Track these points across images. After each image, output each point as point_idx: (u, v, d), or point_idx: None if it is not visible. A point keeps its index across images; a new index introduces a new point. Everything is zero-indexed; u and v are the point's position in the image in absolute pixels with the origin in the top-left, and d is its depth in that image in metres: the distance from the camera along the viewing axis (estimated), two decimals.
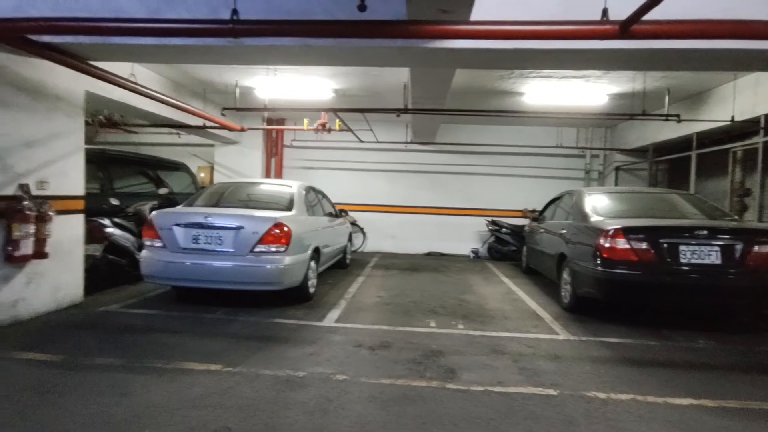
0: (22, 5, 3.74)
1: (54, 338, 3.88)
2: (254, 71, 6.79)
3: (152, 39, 3.76)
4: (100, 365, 3.31)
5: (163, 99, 5.86)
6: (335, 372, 3.34)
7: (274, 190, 6.03)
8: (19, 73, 4.16)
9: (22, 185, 4.17)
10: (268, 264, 4.70)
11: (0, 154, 4.00)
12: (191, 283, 4.87)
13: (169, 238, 4.80)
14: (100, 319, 4.49)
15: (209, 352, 3.66)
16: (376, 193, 10.60)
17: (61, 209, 4.54)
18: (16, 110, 4.16)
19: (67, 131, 4.77)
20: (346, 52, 4.07)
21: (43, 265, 4.38)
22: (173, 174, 8.49)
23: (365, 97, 8.01)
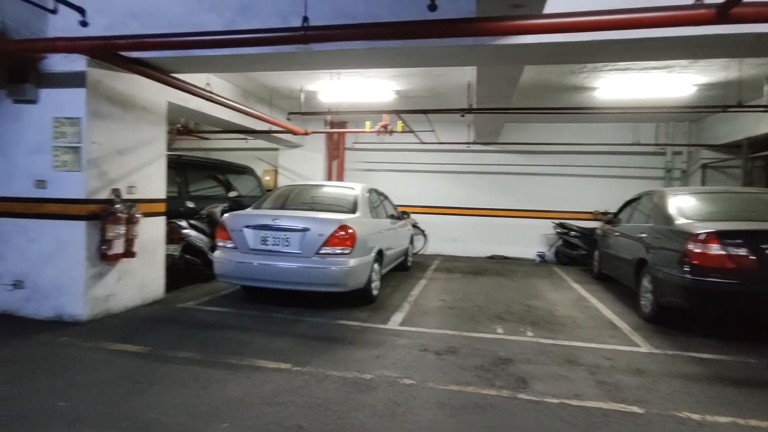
0: (116, 24, 4.07)
1: (141, 331, 4.17)
2: (318, 76, 6.95)
3: (228, 50, 3.95)
4: (182, 358, 3.50)
5: (234, 106, 6.16)
6: (402, 376, 3.31)
7: (338, 192, 6.13)
8: (112, 87, 4.54)
9: (115, 190, 4.54)
10: (333, 266, 4.78)
11: (97, 161, 4.37)
12: (260, 283, 5.05)
13: (240, 239, 5.02)
14: (180, 315, 4.78)
15: (279, 350, 3.77)
16: (438, 194, 10.49)
17: (146, 212, 4.88)
18: (110, 121, 4.54)
19: (151, 139, 5.13)
20: (412, 53, 4.05)
21: (131, 263, 4.74)
22: (241, 177, 8.90)
23: (427, 98, 7.95)
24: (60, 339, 3.84)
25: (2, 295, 4.43)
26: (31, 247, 4.38)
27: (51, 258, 4.34)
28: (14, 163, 4.42)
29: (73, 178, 4.30)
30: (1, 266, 4.43)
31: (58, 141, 4.31)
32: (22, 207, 4.40)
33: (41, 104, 4.35)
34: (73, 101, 4.28)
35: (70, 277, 4.30)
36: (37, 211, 4.37)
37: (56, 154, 4.31)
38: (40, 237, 4.36)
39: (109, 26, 4.07)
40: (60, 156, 4.31)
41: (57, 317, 4.32)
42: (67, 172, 4.31)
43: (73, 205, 4.31)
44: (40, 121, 4.34)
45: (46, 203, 4.35)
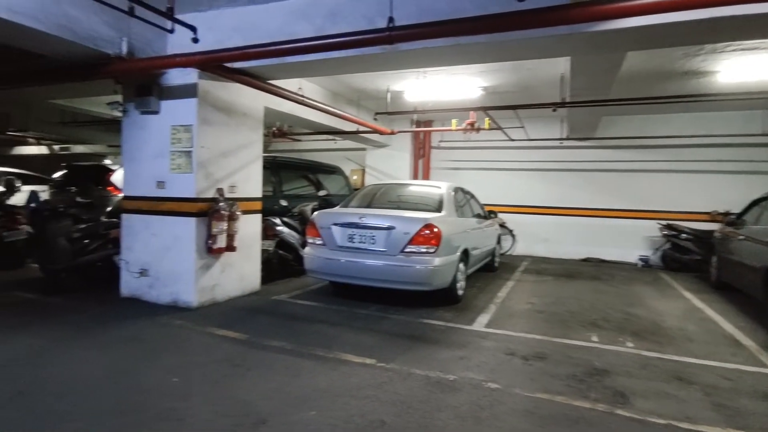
0: (222, 39, 4.46)
1: (240, 319, 4.53)
2: (404, 76, 7.00)
3: (318, 55, 4.13)
4: (275, 347, 3.75)
5: (324, 108, 6.44)
6: (486, 379, 3.22)
7: (424, 191, 6.13)
8: (218, 96, 4.98)
9: (219, 189, 4.98)
10: (418, 264, 4.79)
11: (205, 164, 4.83)
12: (346, 279, 5.22)
13: (329, 236, 5.23)
14: (273, 307, 5.11)
15: (364, 345, 3.86)
16: (527, 193, 10.04)
17: (245, 209, 5.28)
18: (216, 127, 4.99)
19: (250, 142, 5.55)
20: (500, 48, 3.92)
21: (232, 257, 5.16)
22: (330, 177, 9.28)
23: (516, 93, 7.64)
24: (175, 322, 4.32)
25: (132, 281, 5.08)
26: (153, 240, 4.96)
27: (168, 250, 4.89)
28: (141, 166, 5.05)
29: (186, 179, 4.80)
30: (131, 256, 5.08)
31: (175, 146, 4.83)
32: (147, 205, 5.00)
33: (162, 114, 4.91)
34: (187, 110, 4.77)
35: (183, 267, 4.81)
36: (158, 208, 4.94)
37: (173, 158, 4.84)
38: (161, 231, 4.93)
39: (216, 41, 4.47)
40: (176, 159, 4.83)
41: (173, 303, 4.85)
42: (181, 174, 4.82)
43: (186, 203, 4.81)
44: (160, 129, 4.91)
45: (164, 202, 4.91)
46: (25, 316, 4.39)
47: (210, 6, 4.66)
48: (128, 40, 4.57)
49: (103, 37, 4.35)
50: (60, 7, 3.97)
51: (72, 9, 4.06)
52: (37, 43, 4.15)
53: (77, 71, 4.71)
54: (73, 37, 4.06)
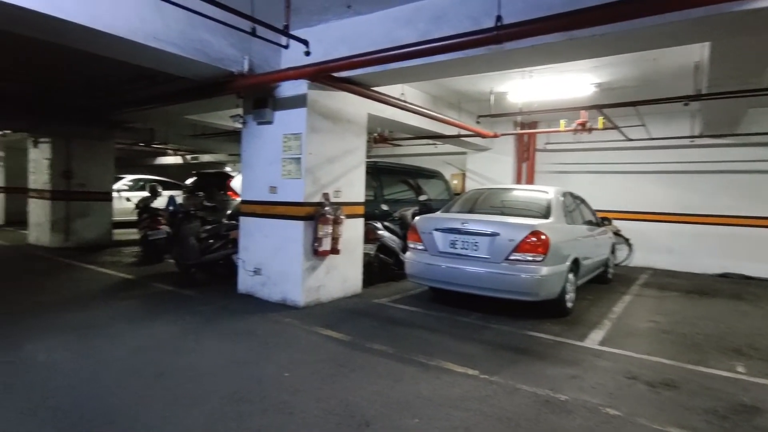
0: (329, 50, 4.67)
1: (343, 321, 4.69)
2: (508, 76, 6.73)
3: (422, 59, 4.12)
4: (377, 350, 3.80)
5: (425, 113, 6.45)
6: (604, 404, 2.92)
7: (530, 196, 5.81)
8: (325, 104, 5.24)
9: (325, 194, 5.22)
10: (524, 273, 4.54)
11: (312, 169, 5.10)
12: (447, 285, 5.13)
13: (430, 241, 5.19)
14: (375, 310, 5.20)
15: (466, 355, 3.74)
16: (647, 198, 9.03)
17: (348, 214, 5.47)
18: (323, 134, 5.24)
19: (354, 148, 5.74)
20: (621, 38, 3.56)
21: (336, 259, 5.37)
22: (430, 181, 9.26)
23: (635, 88, 6.92)
24: (285, 320, 4.60)
25: (247, 279, 5.54)
26: (266, 241, 5.36)
27: (279, 251, 5.24)
28: (256, 172, 5.49)
29: (295, 184, 5.11)
30: (247, 256, 5.54)
31: (286, 153, 5.17)
32: (261, 208, 5.42)
33: (275, 124, 5.29)
34: (297, 119, 5.08)
35: (291, 268, 5.12)
36: (270, 212, 5.33)
37: (284, 164, 5.19)
38: (272, 233, 5.31)
39: (324, 53, 4.69)
40: (286, 166, 5.17)
41: (282, 301, 5.18)
42: (291, 179, 5.14)
43: (295, 207, 5.11)
44: (273, 137, 5.29)
45: (276, 206, 5.27)
46: (164, 305, 5.01)
47: (319, 20, 4.92)
48: (249, 58, 5.00)
49: (229, 57, 4.81)
50: (196, 33, 4.47)
51: (205, 34, 4.56)
52: (178, 66, 4.72)
53: (207, 89, 5.29)
54: (206, 59, 4.55)
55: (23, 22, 3.67)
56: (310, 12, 4.71)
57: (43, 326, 4.13)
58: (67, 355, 3.52)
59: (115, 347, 3.71)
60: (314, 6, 4.59)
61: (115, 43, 4.06)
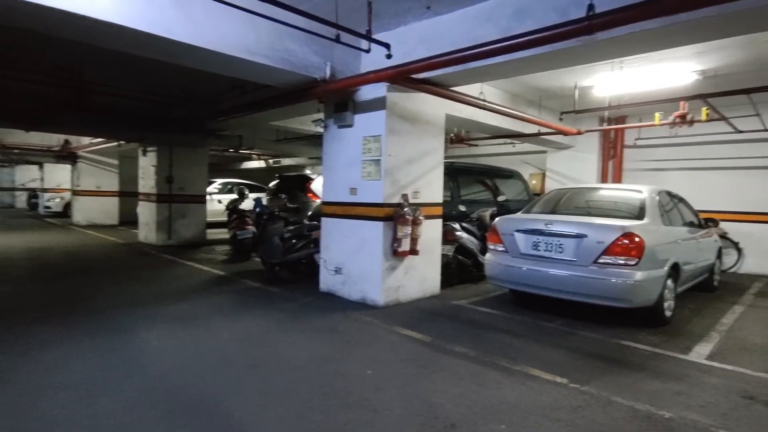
0: (409, 52, 4.71)
1: (423, 321, 4.69)
2: (595, 69, 6.33)
3: (503, 57, 4.00)
4: (458, 352, 3.75)
5: (504, 111, 6.27)
6: (717, 425, 2.64)
7: (621, 195, 5.42)
8: (404, 106, 5.29)
9: (404, 195, 5.27)
10: (614, 277, 4.24)
11: (391, 171, 5.17)
12: (529, 288, 4.94)
13: (511, 243, 5.03)
14: (454, 311, 5.14)
15: (552, 362, 3.58)
16: (760, 196, 8.02)
17: (427, 214, 5.47)
18: (401, 136, 5.29)
19: (432, 149, 5.73)
20: (736, 19, 3.20)
21: (414, 260, 5.39)
22: (507, 182, 8.97)
23: (746, 74, 6.19)
24: (365, 318, 4.70)
25: (328, 278, 5.74)
26: (346, 241, 5.52)
27: (359, 251, 5.37)
28: (337, 175, 5.68)
29: (375, 186, 5.20)
30: (328, 255, 5.74)
31: (365, 156, 5.29)
32: (341, 209, 5.59)
33: (355, 127, 5.44)
34: (376, 122, 5.18)
35: (371, 268, 5.22)
36: (350, 213, 5.48)
37: (364, 166, 5.31)
38: (352, 234, 5.45)
39: (403, 55, 4.73)
40: (366, 167, 5.29)
41: (362, 300, 5.30)
42: (371, 181, 5.25)
43: (374, 208, 5.21)
44: (353, 140, 5.43)
45: (356, 207, 5.41)
46: (253, 301, 5.35)
47: (398, 23, 4.98)
48: (331, 65, 5.20)
49: (313, 64, 5.03)
50: (282, 43, 4.73)
51: (291, 43, 4.81)
52: (266, 76, 5.03)
53: (292, 96, 5.57)
54: (292, 67, 4.80)
55: (138, 45, 4.12)
56: (389, 15, 4.79)
57: (154, 315, 4.60)
58: (174, 342, 3.88)
59: (212, 337, 4.03)
60: (394, 9, 4.66)
61: (213, 57, 4.41)
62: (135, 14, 3.71)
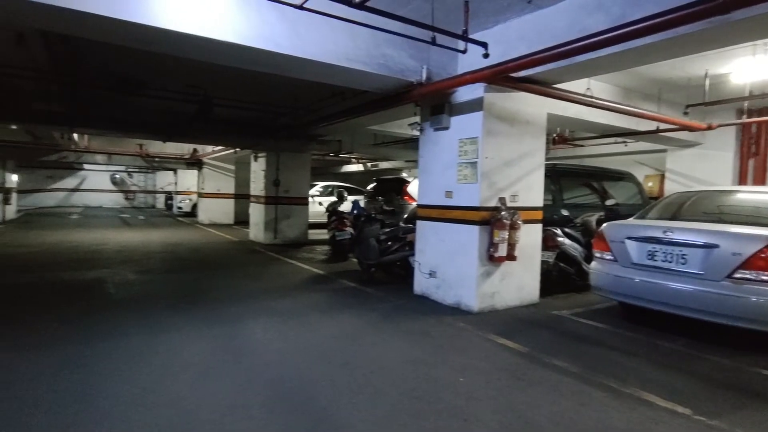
0: (507, 51, 4.52)
1: (519, 330, 4.46)
2: (732, 54, 5.51)
3: (616, 47, 3.67)
4: (558, 367, 3.50)
5: (616, 108, 5.73)
6: None
7: (766, 200, 4.64)
8: (502, 106, 5.09)
9: (501, 198, 5.07)
10: (755, 296, 3.62)
11: (488, 174, 5.01)
12: (642, 302, 4.44)
13: (621, 251, 4.57)
14: (553, 322, 4.82)
15: (671, 388, 3.16)
16: None
17: (525, 219, 5.20)
18: (499, 137, 5.10)
19: (532, 151, 5.44)
20: None
21: (512, 266, 5.16)
22: (617, 184, 8.21)
23: None
24: (459, 324, 4.60)
25: (422, 281, 5.74)
26: (441, 245, 5.47)
27: (454, 255, 5.28)
28: (433, 178, 5.65)
29: (471, 189, 5.08)
30: (423, 258, 5.74)
31: (461, 158, 5.19)
32: (436, 213, 5.56)
33: (451, 129, 5.37)
34: (473, 124, 5.06)
35: (466, 272, 5.10)
36: (445, 216, 5.41)
37: (460, 169, 5.22)
38: (447, 237, 5.38)
39: (502, 54, 4.56)
40: (462, 170, 5.19)
41: (456, 305, 5.21)
42: (467, 184, 5.13)
43: (470, 212, 5.09)
44: (449, 143, 5.37)
45: (451, 210, 5.33)
46: (348, 300, 5.55)
47: (496, 21, 4.81)
48: (427, 67, 5.19)
49: (409, 68, 5.07)
50: (379, 49, 4.85)
51: (387, 49, 4.90)
52: (364, 82, 5.19)
53: (388, 100, 5.68)
54: (389, 72, 4.89)
55: (252, 60, 4.51)
56: (487, 14, 4.65)
57: (260, 309, 4.99)
58: (276, 335, 4.16)
59: (309, 333, 4.24)
60: (492, 7, 4.52)
61: (314, 67, 4.67)
62: (251, 33, 4.07)
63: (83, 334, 3.97)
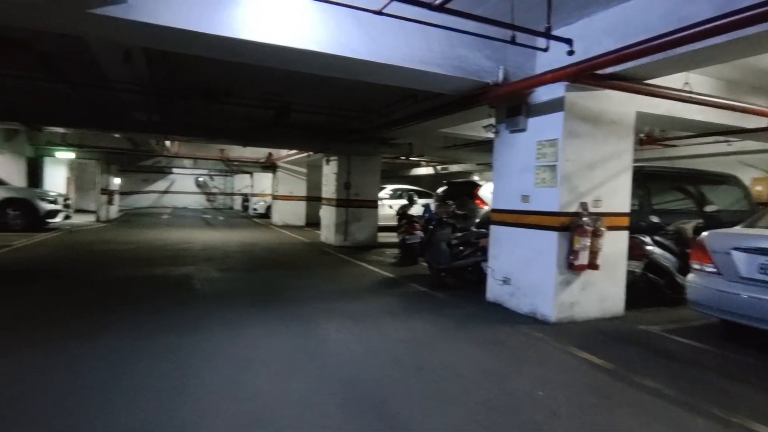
0: (592, 46, 4.25)
1: (602, 344, 4.16)
2: None
3: (719, 38, 3.31)
4: (649, 388, 3.20)
5: (718, 103, 5.21)
6: None
7: None
8: (585, 106, 4.80)
9: (582, 203, 4.77)
10: None
11: (569, 177, 4.74)
12: (753, 322, 3.94)
13: (726, 264, 4.10)
14: (642, 338, 4.44)
15: None
16: None
17: (609, 225, 4.85)
18: (581, 139, 4.81)
19: (617, 152, 5.07)
20: None
21: (594, 275, 4.83)
22: (718, 188, 7.45)
23: None
24: (535, 334, 4.39)
25: (495, 287, 5.55)
26: (516, 251, 5.26)
27: (529, 262, 5.05)
28: (508, 181, 5.46)
29: (549, 193, 4.84)
30: (496, 264, 5.55)
31: (539, 161, 4.96)
32: (511, 218, 5.35)
33: (528, 132, 5.15)
34: (552, 125, 4.81)
35: (543, 280, 4.86)
36: (521, 221, 5.20)
37: (537, 173, 4.99)
38: (523, 243, 5.16)
39: (586, 50, 4.28)
40: (540, 174, 4.96)
41: (531, 314, 4.98)
42: (545, 188, 4.90)
43: (548, 217, 4.84)
44: (526, 145, 5.15)
45: (528, 215, 5.11)
46: (419, 305, 5.51)
47: (580, 16, 4.54)
48: (503, 68, 5.03)
49: (484, 68, 4.95)
50: (454, 51, 4.77)
51: (462, 50, 4.82)
52: (438, 84, 5.15)
53: (462, 102, 5.59)
54: (463, 73, 4.81)
55: (327, 66, 4.64)
56: (569, 9, 4.41)
57: (332, 310, 5.09)
58: (348, 336, 4.22)
59: (381, 336, 4.26)
60: (575, 1, 4.28)
61: (388, 71, 4.70)
62: (328, 40, 4.19)
63: (176, 325, 4.29)
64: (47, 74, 6.57)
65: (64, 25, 3.97)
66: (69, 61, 6.32)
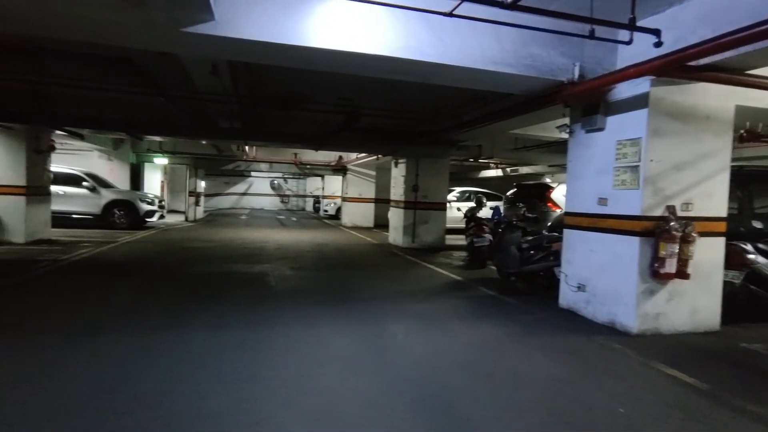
0: (683, 36, 3.92)
1: (694, 361, 3.81)
2: None
3: None
4: (754, 414, 2.88)
5: None
6: None
7: None
8: (673, 101, 4.43)
9: (669, 207, 4.41)
10: None
11: (653, 179, 4.40)
12: None
13: None
14: (742, 356, 4.01)
15: None
16: None
17: (702, 231, 4.44)
18: (669, 137, 4.45)
19: (713, 151, 4.62)
20: None
21: (683, 285, 4.45)
22: None
23: None
24: (614, 345, 4.12)
25: (569, 294, 5.29)
26: (592, 256, 4.97)
27: (607, 268, 4.76)
28: (583, 183, 5.18)
29: (630, 196, 4.52)
30: (570, 270, 5.29)
31: (619, 162, 4.66)
32: (587, 221, 5.07)
33: (607, 131, 4.86)
34: (635, 123, 4.50)
35: (622, 288, 4.55)
36: (598, 225, 4.91)
37: (617, 174, 4.69)
38: (600, 248, 4.87)
39: (675, 40, 3.96)
40: (620, 175, 4.65)
41: (609, 323, 4.68)
42: (625, 190, 4.59)
43: (628, 221, 4.53)
44: (604, 145, 4.86)
45: (605, 219, 4.82)
46: (487, 309, 5.39)
47: (670, 4, 4.20)
48: (580, 64, 4.79)
49: (559, 66, 4.75)
50: (526, 49, 4.63)
51: (535, 48, 4.66)
52: (509, 84, 5.02)
53: (534, 102, 5.40)
54: (536, 72, 4.65)
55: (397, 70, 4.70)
56: None
57: (400, 311, 5.14)
58: (416, 338, 4.23)
59: (449, 339, 4.22)
60: None
61: (458, 73, 4.67)
62: (398, 44, 4.25)
63: (253, 319, 4.56)
64: (147, 88, 7.30)
65: (160, 43, 4.40)
66: (165, 77, 6.98)
